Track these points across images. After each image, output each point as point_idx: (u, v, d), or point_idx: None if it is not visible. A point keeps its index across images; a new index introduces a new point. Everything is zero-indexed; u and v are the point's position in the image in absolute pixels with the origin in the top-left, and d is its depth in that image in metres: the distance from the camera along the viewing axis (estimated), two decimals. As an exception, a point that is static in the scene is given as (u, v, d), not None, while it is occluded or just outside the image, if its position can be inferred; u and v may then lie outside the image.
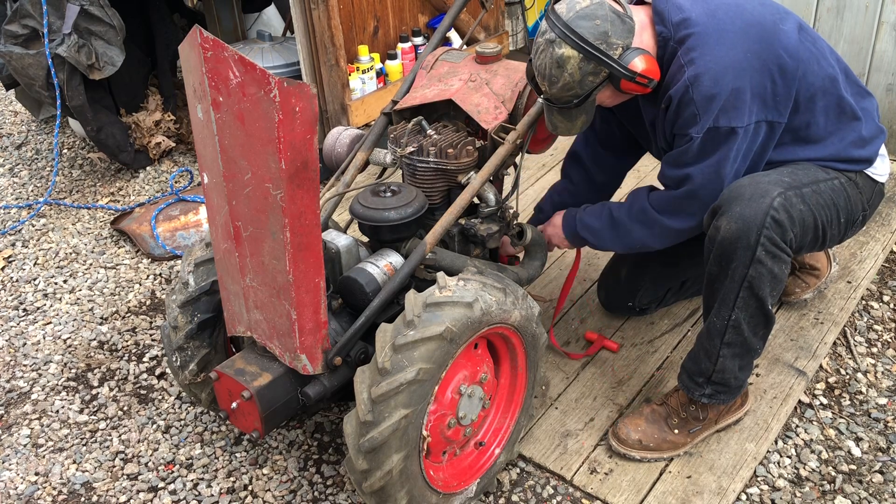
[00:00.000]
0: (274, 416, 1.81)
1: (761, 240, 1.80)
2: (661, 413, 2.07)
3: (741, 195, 1.82)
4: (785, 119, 1.89)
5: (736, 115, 1.80)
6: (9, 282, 3.08)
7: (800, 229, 1.85)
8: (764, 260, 1.82)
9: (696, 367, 2.00)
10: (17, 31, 3.35)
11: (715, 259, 1.87)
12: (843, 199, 1.96)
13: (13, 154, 4.20)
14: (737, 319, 1.89)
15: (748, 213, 1.80)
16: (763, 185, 1.83)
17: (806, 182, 1.90)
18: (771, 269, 1.83)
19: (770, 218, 1.79)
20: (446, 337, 1.65)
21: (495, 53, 2.11)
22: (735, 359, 1.95)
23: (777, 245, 1.82)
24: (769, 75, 1.82)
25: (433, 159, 2.00)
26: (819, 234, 1.93)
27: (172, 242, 3.19)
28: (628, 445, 2.04)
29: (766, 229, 1.79)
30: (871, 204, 2.08)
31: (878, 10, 3.15)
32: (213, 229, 1.80)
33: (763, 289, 1.85)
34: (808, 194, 1.88)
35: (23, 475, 2.20)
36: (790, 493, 1.99)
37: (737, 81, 1.78)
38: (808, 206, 1.87)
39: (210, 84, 1.55)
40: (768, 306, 1.88)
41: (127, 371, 2.56)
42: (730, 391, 2.00)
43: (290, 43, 3.91)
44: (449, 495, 1.88)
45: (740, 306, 1.87)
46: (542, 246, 2.26)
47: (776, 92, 1.84)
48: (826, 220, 1.92)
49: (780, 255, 1.83)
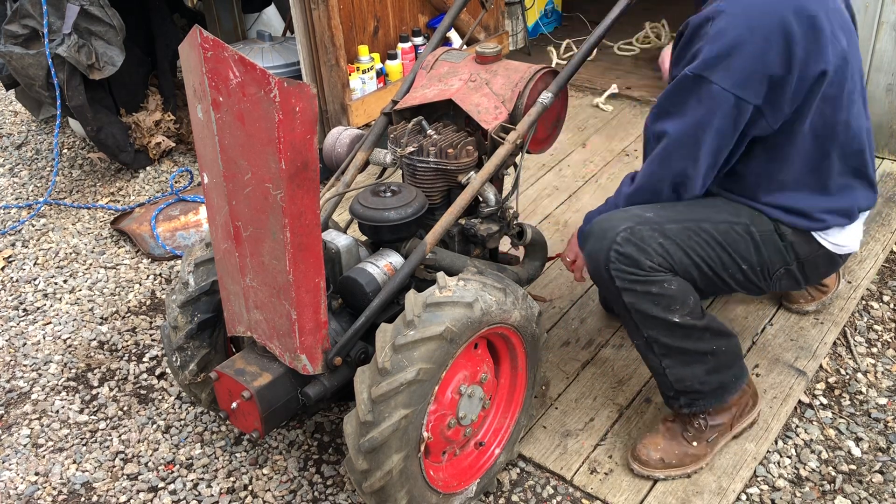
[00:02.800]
0: (274, 416, 1.81)
1: (612, 272, 1.82)
2: (675, 428, 2.04)
3: (591, 232, 1.87)
4: (776, 126, 1.79)
5: (740, 81, 1.70)
6: (9, 282, 3.08)
7: (661, 258, 1.80)
8: (629, 287, 1.81)
9: (659, 382, 1.99)
10: (17, 31, 3.35)
11: (599, 288, 1.89)
12: (742, 246, 1.88)
13: (13, 154, 4.20)
14: (651, 336, 1.87)
15: (594, 249, 1.85)
16: (613, 222, 1.84)
17: (680, 219, 1.84)
18: (645, 291, 1.81)
19: (613, 252, 1.80)
20: (446, 337, 1.65)
21: (495, 53, 2.11)
22: (685, 367, 1.90)
23: (632, 273, 1.80)
24: (790, 67, 1.71)
25: (433, 159, 2.00)
26: (704, 271, 1.86)
27: (172, 242, 3.19)
28: (651, 466, 2.00)
29: (612, 262, 1.81)
30: (807, 264, 1.96)
31: (878, 10, 3.15)
32: (213, 229, 1.80)
33: (652, 309, 1.82)
34: (673, 230, 1.82)
35: (23, 475, 2.20)
36: (790, 493, 1.99)
37: (759, 46, 1.68)
38: (673, 241, 1.81)
39: (210, 84, 1.55)
40: (676, 319, 1.82)
41: (127, 371, 2.56)
42: (705, 396, 1.96)
43: (290, 43, 3.91)
44: (449, 495, 1.88)
45: (644, 326, 1.86)
46: (541, 246, 2.26)
47: (784, 91, 1.74)
48: (708, 258, 1.85)
49: (646, 279, 1.80)
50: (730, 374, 1.97)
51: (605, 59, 4.70)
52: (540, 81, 2.04)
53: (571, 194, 3.32)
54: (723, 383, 1.96)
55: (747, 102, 1.73)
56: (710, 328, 1.89)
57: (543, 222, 3.14)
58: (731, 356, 1.96)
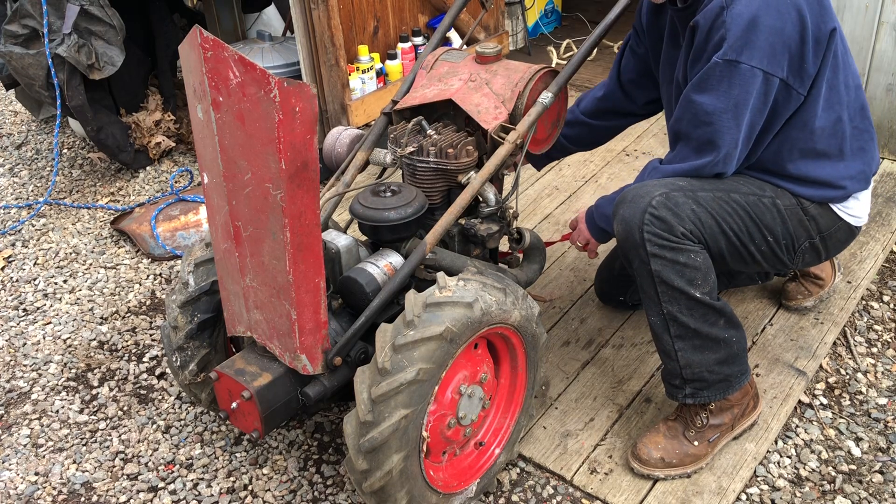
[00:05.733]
0: (274, 416, 1.81)
1: (645, 236, 1.83)
2: (677, 427, 2.04)
3: (625, 199, 1.89)
4: (805, 94, 1.85)
5: (766, 57, 1.77)
6: (9, 282, 3.08)
7: (692, 225, 1.84)
8: (659, 253, 1.84)
9: (668, 370, 2.00)
10: (17, 31, 3.35)
11: (625, 260, 1.94)
12: (769, 217, 1.94)
13: (13, 154, 4.20)
14: (670, 312, 1.89)
15: (628, 213, 1.86)
16: (647, 188, 1.87)
17: (710, 188, 1.89)
18: (674, 260, 1.84)
19: (649, 215, 1.83)
20: (446, 337, 1.65)
21: (495, 53, 2.11)
22: (696, 352, 1.93)
23: (665, 238, 1.83)
24: (804, 37, 1.79)
25: (433, 159, 2.00)
26: (732, 241, 1.91)
27: (172, 242, 3.19)
28: (651, 465, 2.01)
29: (647, 225, 1.83)
30: (829, 237, 2.04)
31: (878, 10, 3.15)
32: (213, 229, 1.80)
33: (675, 279, 1.85)
34: (705, 198, 1.87)
35: (23, 475, 2.20)
36: (790, 493, 1.99)
37: (775, 19, 1.75)
38: (704, 208, 1.86)
39: (210, 84, 1.55)
40: (697, 294, 1.86)
41: (127, 371, 2.56)
42: (710, 387, 1.97)
43: (290, 43, 3.91)
44: (449, 495, 1.88)
45: (665, 300, 1.88)
46: (540, 250, 2.26)
47: (805, 59, 1.81)
48: (737, 228, 1.90)
49: (676, 246, 1.83)
50: (736, 368, 1.99)
51: (605, 59, 4.70)
52: (540, 81, 2.04)
53: (571, 194, 3.32)
54: (728, 376, 1.98)
55: (774, 76, 1.79)
56: (725, 313, 1.93)
57: (543, 222, 3.14)
58: (740, 350, 1.99)
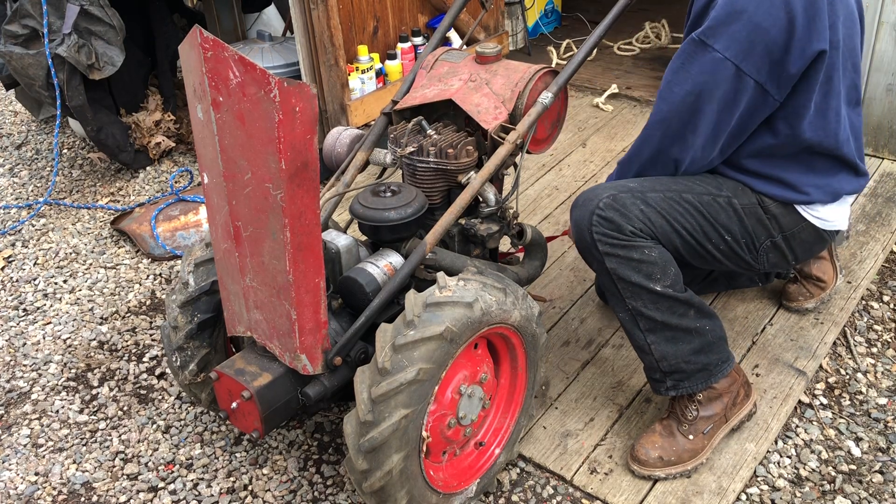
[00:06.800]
0: (274, 416, 1.81)
1: (595, 236, 1.86)
2: (671, 424, 2.05)
3: (576, 203, 1.93)
4: (782, 100, 1.80)
5: (741, 50, 1.71)
6: (9, 282, 3.08)
7: (642, 223, 1.84)
8: (611, 252, 1.85)
9: (646, 365, 2.02)
10: (17, 31, 3.35)
11: (586, 263, 1.96)
12: (724, 216, 1.92)
13: (13, 154, 4.20)
14: (635, 307, 1.90)
15: (578, 216, 1.90)
16: (596, 191, 1.90)
17: (661, 189, 1.89)
18: (627, 256, 1.84)
19: (596, 216, 1.85)
20: (446, 337, 1.65)
21: (495, 53, 2.11)
22: (669, 343, 1.92)
23: (614, 237, 1.84)
24: (789, 46, 1.72)
25: (433, 159, 2.00)
26: (687, 239, 1.90)
27: (172, 242, 3.20)
28: (650, 466, 2.00)
29: (595, 226, 1.85)
30: (793, 237, 2.00)
31: (878, 10, 3.15)
32: (213, 229, 1.80)
33: (632, 275, 1.85)
34: (655, 199, 1.87)
35: (23, 475, 2.20)
36: (790, 493, 1.99)
37: (762, 15, 1.69)
38: (654, 209, 1.86)
39: (210, 84, 1.55)
40: (658, 287, 1.86)
41: (127, 371, 2.56)
42: (690, 377, 1.96)
43: (290, 43, 3.91)
44: (449, 495, 1.88)
45: (628, 296, 1.89)
46: (541, 246, 2.26)
47: (786, 67, 1.74)
48: (690, 227, 1.89)
49: (628, 244, 1.84)
50: (714, 356, 1.98)
51: (605, 59, 4.71)
52: (540, 81, 2.04)
53: (571, 194, 3.32)
54: (707, 365, 1.97)
55: (748, 76, 1.75)
56: (693, 303, 1.92)
57: (543, 222, 3.14)
58: (716, 338, 1.97)
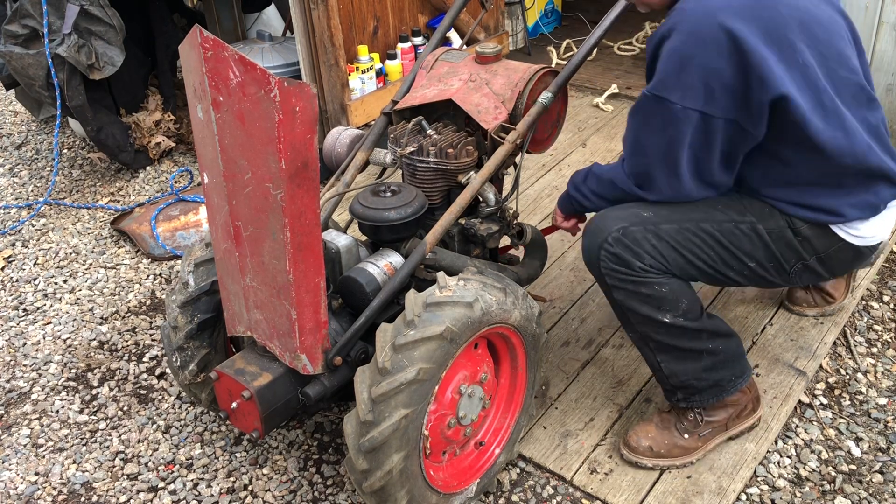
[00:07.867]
0: (274, 416, 1.81)
1: (602, 271, 1.84)
2: (669, 419, 2.05)
3: (587, 229, 1.89)
4: (761, 136, 1.71)
5: (700, 96, 1.65)
6: (9, 282, 3.08)
7: (653, 259, 1.78)
8: (619, 286, 1.83)
9: (656, 376, 2.01)
10: (17, 31, 3.35)
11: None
12: (747, 244, 1.82)
13: (13, 154, 4.20)
14: (643, 333, 1.89)
15: (587, 245, 1.86)
16: (607, 221, 1.84)
17: (677, 219, 1.80)
18: (635, 291, 1.81)
19: (604, 251, 1.82)
20: (446, 337, 1.65)
21: (495, 53, 2.11)
22: (679, 362, 1.90)
23: (622, 273, 1.80)
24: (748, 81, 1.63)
25: (433, 159, 2.00)
26: (705, 270, 1.83)
27: (172, 242, 3.19)
28: (639, 453, 2.01)
29: (603, 261, 1.82)
30: (829, 258, 1.86)
31: (878, 10, 3.15)
32: (213, 229, 1.80)
33: (640, 307, 1.83)
34: (669, 231, 1.79)
35: (23, 475, 2.20)
36: (790, 493, 1.99)
37: (708, 57, 1.62)
38: (667, 242, 1.79)
39: (210, 84, 1.55)
40: (667, 319, 1.82)
41: (127, 371, 2.56)
42: (701, 392, 1.96)
43: (290, 43, 3.91)
44: (449, 495, 1.88)
45: (636, 322, 1.88)
46: (541, 246, 2.26)
47: (751, 101, 1.65)
48: (708, 258, 1.81)
49: (637, 279, 1.80)
50: (727, 372, 1.96)
51: (605, 59, 4.71)
52: (540, 81, 2.04)
53: (571, 194, 3.32)
54: (719, 381, 1.96)
55: (715, 117, 1.67)
56: (706, 329, 1.88)
57: (543, 222, 3.14)
58: (730, 355, 1.95)
